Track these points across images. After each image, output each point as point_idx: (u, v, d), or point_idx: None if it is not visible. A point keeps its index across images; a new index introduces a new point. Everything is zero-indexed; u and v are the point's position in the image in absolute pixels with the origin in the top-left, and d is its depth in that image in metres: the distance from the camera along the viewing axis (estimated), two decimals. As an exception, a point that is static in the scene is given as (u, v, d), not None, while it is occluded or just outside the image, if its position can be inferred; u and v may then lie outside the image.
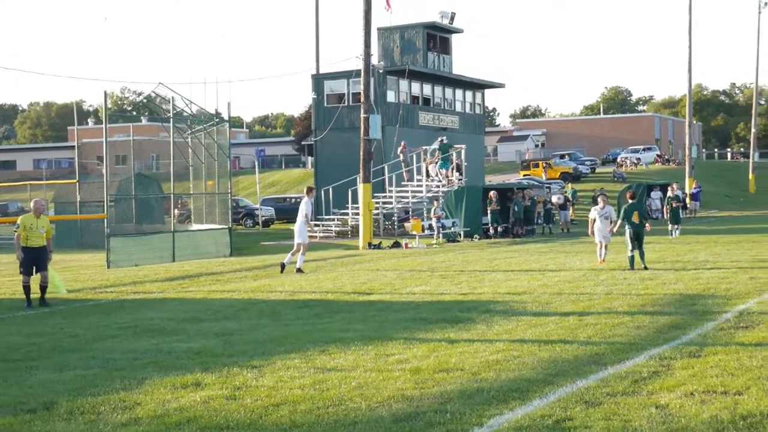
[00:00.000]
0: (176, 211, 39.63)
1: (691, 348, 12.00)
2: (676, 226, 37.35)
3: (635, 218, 23.39)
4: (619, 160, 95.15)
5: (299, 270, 25.65)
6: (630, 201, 24.16)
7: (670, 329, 13.76)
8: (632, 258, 23.32)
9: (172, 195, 38.51)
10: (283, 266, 25.98)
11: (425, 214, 43.98)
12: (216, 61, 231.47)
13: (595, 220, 25.51)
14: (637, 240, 23.38)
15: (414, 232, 40.25)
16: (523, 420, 8.56)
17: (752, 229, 41.32)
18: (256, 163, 74.56)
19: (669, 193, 39.60)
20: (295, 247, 26.21)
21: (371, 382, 10.41)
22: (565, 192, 56.10)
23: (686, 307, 16.19)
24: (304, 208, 25.95)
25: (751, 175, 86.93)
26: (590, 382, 10.06)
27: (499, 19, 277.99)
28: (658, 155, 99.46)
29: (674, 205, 38.31)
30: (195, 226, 40.59)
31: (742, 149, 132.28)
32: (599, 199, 26.61)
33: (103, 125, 33.21)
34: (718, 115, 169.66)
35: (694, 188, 62.71)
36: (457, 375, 10.72)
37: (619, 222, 24.23)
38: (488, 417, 8.71)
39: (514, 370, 10.91)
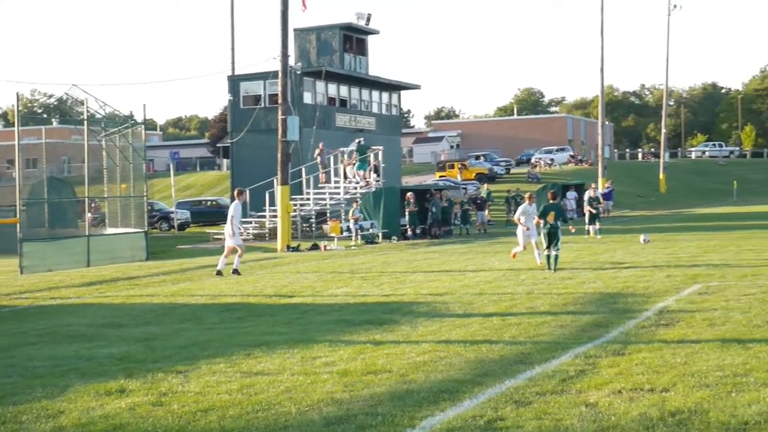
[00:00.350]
0: (90, 214, 39.01)
1: (615, 346, 12.11)
2: (596, 226, 37.74)
3: (550, 218, 23.47)
4: (533, 160, 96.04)
5: (218, 272, 25.46)
6: (551, 201, 24.25)
7: (593, 328, 13.88)
8: (548, 257, 23.43)
9: (86, 198, 37.91)
10: (236, 272, 25.68)
11: (343, 216, 43.92)
12: (132, 63, 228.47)
13: (520, 218, 25.23)
14: (551, 240, 23.43)
15: (332, 234, 40.18)
16: (454, 421, 8.55)
17: (665, 228, 42.03)
18: (171, 166, 73.79)
19: (590, 194, 39.97)
20: (239, 251, 25.96)
21: (299, 385, 10.32)
22: (481, 193, 56.42)
23: (607, 306, 16.37)
24: (233, 210, 25.75)
25: (661, 175, 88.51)
26: (519, 382, 10.09)
27: (413, 21, 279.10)
28: (571, 156, 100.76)
29: (595, 205, 38.78)
30: (110, 230, 39.99)
31: (652, 149, 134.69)
32: (526, 196, 26.49)
33: (16, 128, 32.55)
34: (629, 116, 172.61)
35: (607, 188, 63.58)
36: (386, 377, 10.68)
37: (536, 219, 24.27)
38: (420, 419, 8.68)
39: (442, 371, 10.91)
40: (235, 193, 26.97)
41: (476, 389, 9.82)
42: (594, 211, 38.27)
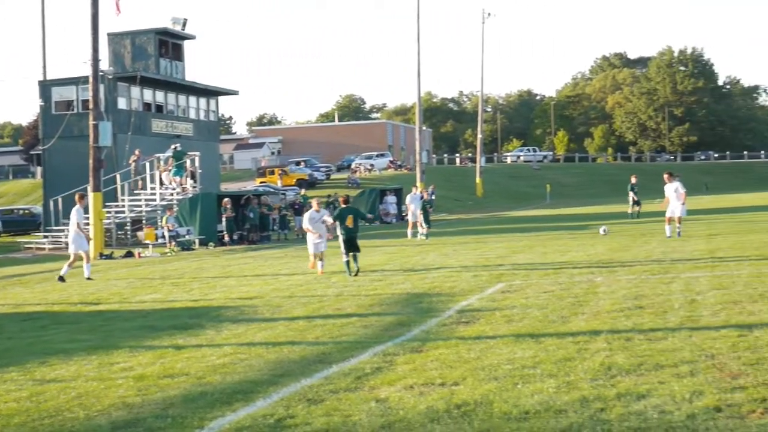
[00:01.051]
0: None
1: (414, 344, 12.32)
2: (424, 230, 37.92)
3: (349, 222, 22.89)
4: (353, 166, 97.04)
5: (61, 278, 24.79)
6: (343, 205, 23.45)
7: (395, 327, 14.08)
8: (347, 263, 22.79)
9: None
10: (61, 279, 24.90)
11: (159, 223, 43.24)
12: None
13: (309, 227, 23.89)
14: (351, 244, 22.81)
15: (147, 241, 39.52)
16: (244, 420, 8.57)
17: (478, 231, 42.95)
18: (-20, 174, 71.41)
19: (424, 196, 40.27)
20: (72, 258, 25.21)
21: (92, 391, 10.13)
22: (299, 198, 56.46)
23: (412, 306, 16.61)
24: (75, 216, 25.08)
25: (478, 179, 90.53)
26: (314, 381, 10.17)
27: (236, 28, 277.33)
28: (390, 161, 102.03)
29: (428, 209, 39.10)
30: None
31: (470, 154, 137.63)
32: (313, 202, 25.10)
33: None
34: (448, 122, 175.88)
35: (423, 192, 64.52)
36: (182, 380, 10.60)
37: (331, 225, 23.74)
38: (210, 419, 8.67)
39: (240, 373, 10.89)
40: (76, 197, 26.24)
41: (271, 389, 9.85)
42: (412, 220, 38.55)
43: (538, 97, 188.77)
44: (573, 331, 12.66)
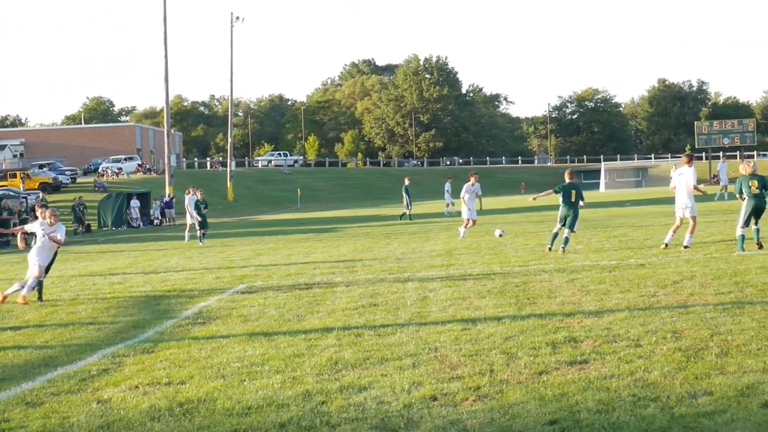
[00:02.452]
0: None
1: (146, 345, 12.18)
2: (203, 231, 36.95)
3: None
4: (100, 169, 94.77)
5: None
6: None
7: (129, 329, 13.87)
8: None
9: None
10: None
11: None
12: None
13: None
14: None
15: None
16: (-45, 426, 8.27)
17: (227, 234, 42.94)
18: None
19: (198, 197, 39.32)
20: None
21: None
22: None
23: (150, 308, 16.41)
24: None
25: (229, 184, 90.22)
26: (36, 384, 9.93)
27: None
28: (139, 165, 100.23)
29: (203, 209, 38.23)
30: None
31: (220, 158, 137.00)
32: (46, 213, 20.37)
33: None
34: (198, 126, 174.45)
35: (170, 196, 63.88)
36: None
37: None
38: None
39: (-43, 379, 10.48)
40: None
41: (-12, 394, 9.54)
42: (190, 221, 37.82)
43: (289, 102, 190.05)
44: (306, 329, 12.83)
